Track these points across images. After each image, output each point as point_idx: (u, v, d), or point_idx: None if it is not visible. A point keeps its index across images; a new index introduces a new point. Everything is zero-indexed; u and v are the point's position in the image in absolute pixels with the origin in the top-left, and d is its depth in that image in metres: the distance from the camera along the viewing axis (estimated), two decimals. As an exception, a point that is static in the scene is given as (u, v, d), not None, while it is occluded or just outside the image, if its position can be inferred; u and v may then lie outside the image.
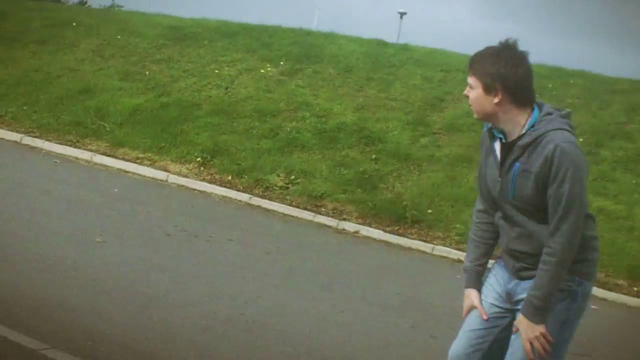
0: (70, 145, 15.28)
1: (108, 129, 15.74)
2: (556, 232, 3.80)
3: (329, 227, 12.76)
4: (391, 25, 59.94)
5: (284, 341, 6.87)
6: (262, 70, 17.35)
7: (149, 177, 14.23)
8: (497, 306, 4.16)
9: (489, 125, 4.05)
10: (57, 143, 15.39)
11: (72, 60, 18.26)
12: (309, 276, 9.48)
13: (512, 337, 4.03)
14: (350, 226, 12.75)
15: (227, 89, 16.75)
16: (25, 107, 16.59)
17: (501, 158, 3.99)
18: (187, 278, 8.29)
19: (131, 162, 14.79)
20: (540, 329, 3.90)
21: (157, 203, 12.28)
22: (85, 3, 36.33)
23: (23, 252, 8.05)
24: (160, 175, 14.28)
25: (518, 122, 3.92)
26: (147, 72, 17.56)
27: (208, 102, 16.37)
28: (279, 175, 14.03)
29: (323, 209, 13.28)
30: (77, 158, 14.79)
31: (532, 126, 3.88)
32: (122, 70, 17.65)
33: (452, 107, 16.30)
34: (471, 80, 3.98)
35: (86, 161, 14.71)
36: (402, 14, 46.87)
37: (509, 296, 4.10)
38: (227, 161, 14.54)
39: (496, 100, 3.90)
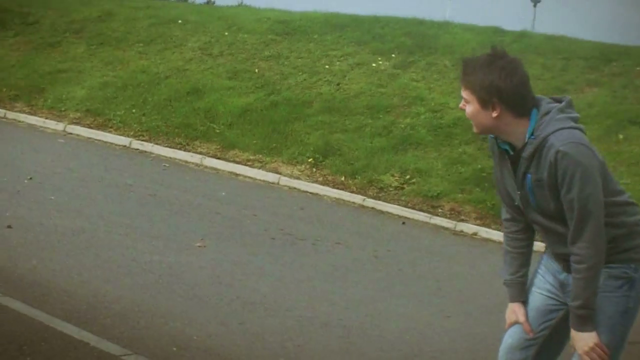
0: (180, 149, 15.59)
1: (217, 131, 15.99)
2: (578, 238, 3.76)
3: (446, 229, 12.73)
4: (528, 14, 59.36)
5: (380, 347, 6.90)
6: (374, 64, 17.35)
7: (259, 179, 14.44)
8: (551, 297, 4.12)
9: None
10: (166, 146, 15.73)
11: (179, 60, 18.57)
12: (418, 280, 9.46)
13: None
14: (468, 228, 12.68)
15: (338, 84, 16.80)
16: (133, 110, 16.98)
17: (513, 169, 3.94)
18: (287, 282, 8.38)
19: (241, 164, 15.01)
20: (593, 339, 3.86)
21: (266, 206, 12.41)
22: (214, 3, 36.71)
23: (118, 257, 8.26)
24: (271, 177, 14.46)
25: (521, 132, 3.84)
26: (256, 70, 17.76)
27: (319, 99, 16.45)
28: (393, 175, 14.03)
29: (440, 210, 13.24)
30: (186, 162, 15.09)
31: (533, 133, 3.81)
32: (230, 68, 17.88)
33: (574, 97, 15.95)
34: (465, 94, 3.87)
35: (196, 164, 14.99)
36: (535, 2, 46.35)
37: (562, 286, 4.05)
38: (339, 161, 14.60)
39: (495, 114, 3.81)
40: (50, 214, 9.50)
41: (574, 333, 3.91)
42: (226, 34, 19.50)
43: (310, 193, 13.84)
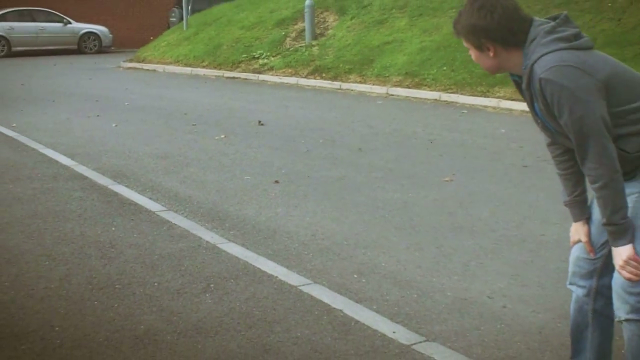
0: (480, 96, 15.23)
1: (515, 76, 15.41)
2: (585, 160, 3.27)
3: None
4: None
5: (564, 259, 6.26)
6: (650, -4, 15.92)
7: (548, 113, 13.75)
8: None
9: None
10: (469, 95, 15.45)
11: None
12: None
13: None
14: None
15: (619, 20, 15.58)
16: (444, 68, 16.75)
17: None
18: (510, 206, 7.82)
19: (534, 102, 14.38)
20: (627, 252, 3.33)
21: (535, 138, 11.71)
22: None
23: (361, 198, 8.09)
24: (557, 110, 13.74)
25: (520, 63, 3.36)
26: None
27: (601, 35, 15.35)
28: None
29: None
30: (485, 106, 14.73)
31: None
32: (527, 19, 17.10)
33: None
34: (464, 44, 3.46)
35: (493, 108, 14.59)
36: None
37: None
38: (618, 88, 13.59)
39: (491, 54, 3.36)
40: (323, 167, 9.55)
41: (612, 249, 3.41)
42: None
43: (591, 120, 12.93)
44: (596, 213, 3.60)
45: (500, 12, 3.29)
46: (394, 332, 4.81)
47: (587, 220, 3.66)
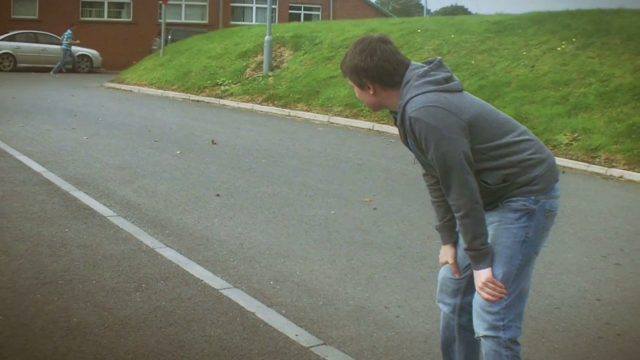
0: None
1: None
2: (448, 191, 3.24)
3: (599, 174, 11.64)
4: None
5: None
6: (559, 48, 16.12)
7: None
8: None
9: None
10: (394, 126, 15.41)
11: (417, 60, 18.09)
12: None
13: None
14: (617, 172, 11.52)
15: (532, 67, 15.77)
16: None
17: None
18: (417, 226, 7.88)
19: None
20: (485, 275, 3.29)
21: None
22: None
23: (290, 213, 8.06)
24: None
25: (397, 103, 3.32)
26: (472, 62, 17.02)
27: (516, 80, 15.53)
28: (565, 135, 13.01)
29: (597, 159, 12.14)
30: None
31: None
32: (453, 62, 17.17)
33: None
34: (349, 82, 3.41)
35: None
36: None
37: None
38: (525, 126, 13.69)
39: (371, 92, 3.32)
40: (262, 183, 9.52)
41: (473, 271, 3.37)
42: (452, 36, 18.81)
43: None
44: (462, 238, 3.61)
45: (379, 55, 3.26)
46: (296, 335, 4.80)
47: (455, 243, 3.62)
